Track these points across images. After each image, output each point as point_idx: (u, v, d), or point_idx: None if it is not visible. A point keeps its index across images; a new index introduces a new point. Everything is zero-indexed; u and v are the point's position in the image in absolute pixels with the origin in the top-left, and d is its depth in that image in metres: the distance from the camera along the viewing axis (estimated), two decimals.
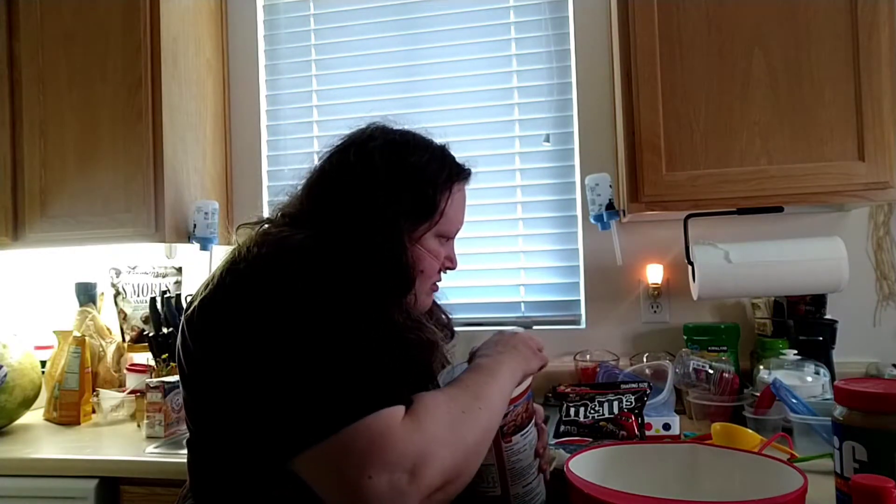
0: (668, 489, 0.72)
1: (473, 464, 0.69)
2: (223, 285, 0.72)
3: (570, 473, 0.67)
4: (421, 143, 0.89)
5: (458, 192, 0.90)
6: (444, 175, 0.87)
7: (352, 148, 0.86)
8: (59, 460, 1.34)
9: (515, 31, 1.85)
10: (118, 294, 1.93)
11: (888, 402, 0.73)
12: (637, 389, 1.27)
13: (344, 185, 0.83)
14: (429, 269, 0.87)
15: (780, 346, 1.49)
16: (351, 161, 0.85)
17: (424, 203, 0.84)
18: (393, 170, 0.83)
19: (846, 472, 0.75)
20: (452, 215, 0.88)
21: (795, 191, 1.34)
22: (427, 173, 0.85)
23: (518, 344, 0.86)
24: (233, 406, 0.70)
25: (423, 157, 0.86)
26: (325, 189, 0.85)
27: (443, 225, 0.87)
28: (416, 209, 0.84)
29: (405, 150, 0.86)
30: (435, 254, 0.88)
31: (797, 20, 1.34)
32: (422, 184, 0.84)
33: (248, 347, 0.68)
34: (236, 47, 2.01)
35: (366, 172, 0.83)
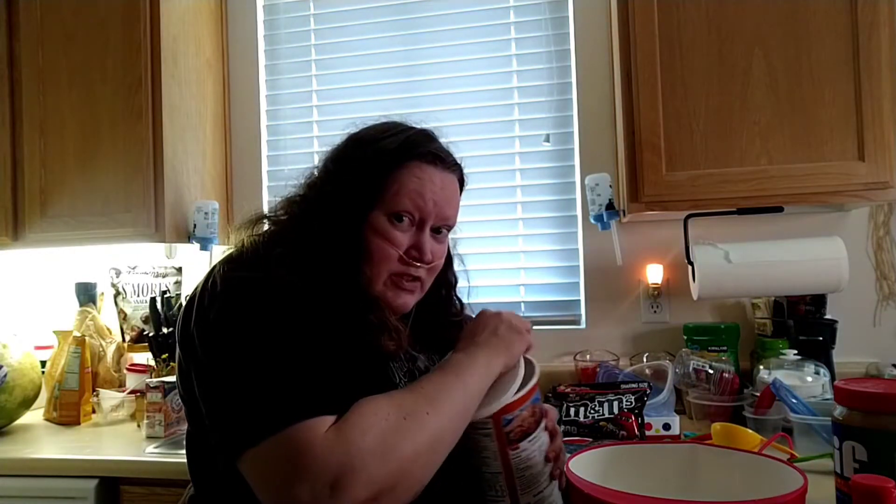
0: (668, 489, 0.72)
1: (414, 475, 0.65)
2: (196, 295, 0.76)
3: (570, 473, 0.67)
4: (386, 128, 0.86)
5: (415, 168, 0.82)
6: (392, 152, 0.82)
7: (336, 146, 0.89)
8: (59, 460, 1.34)
9: (515, 31, 1.85)
10: (118, 294, 1.93)
11: (888, 402, 0.73)
12: (637, 389, 1.27)
13: (309, 178, 0.87)
14: (377, 250, 0.81)
15: (780, 346, 1.49)
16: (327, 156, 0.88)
17: (367, 181, 0.81)
18: (342, 152, 0.85)
19: (846, 472, 0.75)
20: (399, 189, 0.81)
21: (795, 191, 1.34)
22: (372, 151, 0.82)
23: (499, 327, 0.83)
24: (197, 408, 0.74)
25: (378, 135, 0.84)
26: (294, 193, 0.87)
27: (391, 204, 0.81)
28: (359, 189, 0.81)
29: (368, 130, 0.87)
30: (386, 236, 0.81)
31: (797, 20, 1.34)
32: (364, 161, 0.82)
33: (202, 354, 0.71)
34: (236, 47, 2.01)
35: (323, 162, 0.87)
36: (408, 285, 0.84)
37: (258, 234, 0.84)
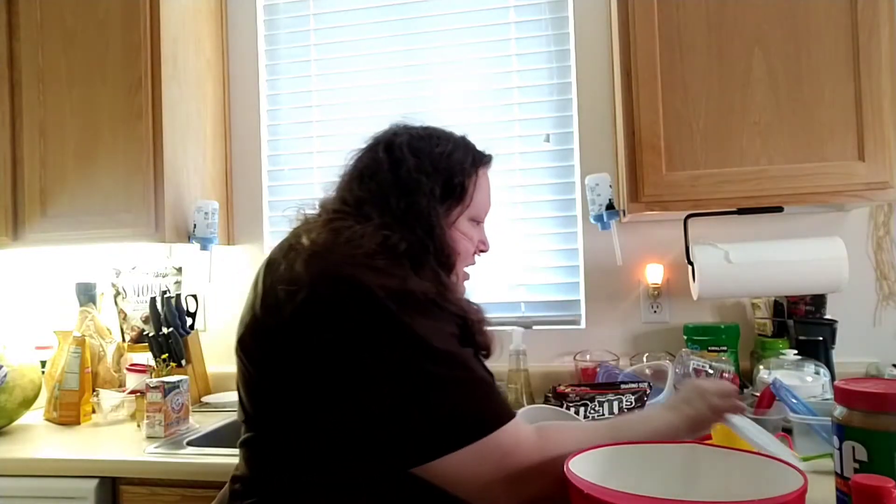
0: (668, 489, 0.72)
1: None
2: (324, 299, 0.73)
3: (570, 473, 0.67)
4: (443, 134, 0.94)
5: (483, 176, 0.96)
6: (468, 161, 0.92)
7: (379, 146, 0.91)
8: (59, 460, 1.34)
9: (515, 31, 1.85)
10: (118, 294, 1.94)
11: (888, 402, 0.73)
12: (637, 389, 1.27)
13: (379, 184, 0.87)
14: (464, 251, 0.92)
15: (780, 346, 1.49)
16: (380, 157, 0.89)
17: (454, 188, 0.89)
18: (421, 162, 0.88)
19: (846, 472, 0.75)
20: (480, 199, 0.94)
21: (795, 191, 1.34)
22: (453, 160, 0.90)
23: (704, 394, 0.88)
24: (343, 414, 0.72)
25: (448, 146, 0.92)
26: (362, 193, 0.87)
27: (473, 208, 0.93)
28: (447, 195, 0.89)
29: (429, 141, 0.91)
30: (469, 236, 0.93)
31: (797, 20, 1.34)
32: (449, 170, 0.89)
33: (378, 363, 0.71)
34: (236, 47, 2.01)
35: (397, 169, 0.87)
36: (470, 275, 0.98)
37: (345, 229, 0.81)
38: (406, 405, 0.70)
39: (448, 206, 0.89)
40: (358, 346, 0.71)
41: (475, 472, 0.70)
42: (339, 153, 0.98)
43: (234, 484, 0.85)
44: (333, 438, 0.74)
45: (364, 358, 0.71)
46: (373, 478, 0.74)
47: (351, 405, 0.72)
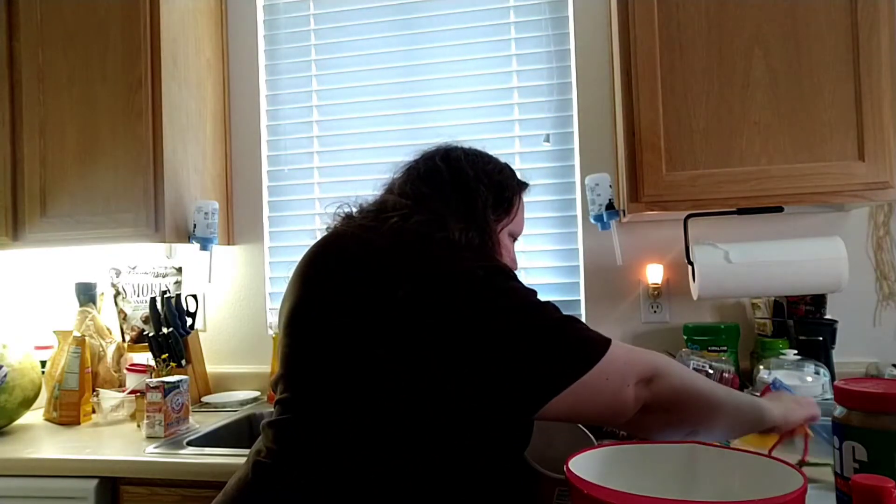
0: (668, 489, 0.72)
1: (694, 408, 0.82)
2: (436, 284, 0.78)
3: (570, 473, 0.67)
4: (491, 156, 1.04)
5: (522, 200, 1.05)
6: (515, 181, 1.03)
7: (436, 156, 0.98)
8: (59, 460, 1.34)
9: (515, 31, 1.85)
10: (118, 294, 1.94)
11: (888, 402, 0.73)
12: None
13: (440, 185, 0.93)
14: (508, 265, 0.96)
15: (780, 346, 1.49)
16: (439, 165, 0.96)
17: (504, 201, 0.98)
18: (477, 173, 0.96)
19: (846, 472, 0.75)
20: (520, 217, 1.04)
21: (795, 191, 1.34)
22: (503, 178, 1.00)
23: (796, 399, 0.98)
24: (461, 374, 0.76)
25: (498, 165, 1.02)
26: (426, 190, 0.93)
27: (514, 224, 1.02)
28: (497, 206, 0.96)
29: (481, 157, 1.01)
30: (507, 250, 1.00)
31: (797, 20, 1.34)
32: (500, 186, 0.98)
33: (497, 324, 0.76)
34: (236, 47, 2.01)
35: (456, 175, 0.95)
36: None
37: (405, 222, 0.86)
38: (525, 352, 0.75)
39: (497, 217, 0.96)
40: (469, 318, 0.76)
41: (603, 388, 0.76)
42: (339, 153, 0.99)
43: (256, 469, 0.82)
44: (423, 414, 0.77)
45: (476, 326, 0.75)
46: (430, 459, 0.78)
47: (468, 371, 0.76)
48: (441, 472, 0.79)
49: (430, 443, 0.78)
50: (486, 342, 0.75)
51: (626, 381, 0.78)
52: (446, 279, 0.77)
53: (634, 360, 0.79)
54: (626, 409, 0.79)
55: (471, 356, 0.75)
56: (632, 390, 0.78)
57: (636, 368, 0.79)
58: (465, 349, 0.75)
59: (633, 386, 0.78)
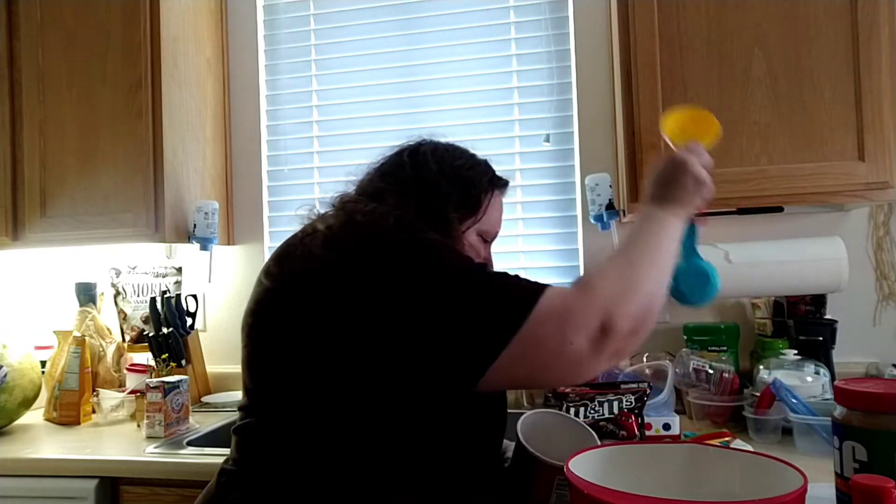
0: (668, 489, 0.72)
1: (653, 309, 0.75)
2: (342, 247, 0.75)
3: (570, 473, 0.66)
4: (465, 151, 0.99)
5: (497, 197, 0.99)
6: (486, 178, 0.97)
7: (404, 152, 0.96)
8: (59, 460, 1.34)
9: (515, 31, 1.85)
10: (118, 294, 1.94)
11: (888, 402, 0.73)
12: (637, 389, 1.27)
13: (401, 181, 0.91)
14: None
15: (780, 346, 1.49)
16: (404, 160, 0.94)
17: (469, 200, 0.93)
18: (442, 168, 0.93)
19: (846, 472, 0.75)
20: (492, 217, 0.97)
21: (795, 191, 1.34)
22: (471, 174, 0.95)
23: (687, 183, 0.87)
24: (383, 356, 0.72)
25: (469, 161, 0.97)
26: (383, 185, 0.91)
27: (483, 224, 0.95)
28: (462, 205, 0.92)
29: (452, 153, 0.97)
30: (476, 249, 0.95)
31: (797, 20, 1.34)
32: (467, 182, 0.93)
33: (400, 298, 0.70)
34: (236, 47, 2.01)
35: (419, 170, 0.92)
36: None
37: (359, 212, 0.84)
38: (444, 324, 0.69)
39: (462, 215, 0.92)
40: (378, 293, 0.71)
41: (533, 356, 0.67)
42: (339, 153, 0.99)
43: (220, 477, 0.83)
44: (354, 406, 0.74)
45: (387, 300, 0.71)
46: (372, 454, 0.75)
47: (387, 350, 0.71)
48: (409, 467, 0.77)
49: (390, 436, 0.76)
50: (406, 318, 0.70)
51: (566, 336, 0.66)
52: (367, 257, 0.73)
53: (575, 309, 0.68)
54: (581, 369, 0.69)
55: (396, 336, 0.71)
56: (582, 346, 0.67)
57: (579, 320, 0.67)
58: (390, 329, 0.71)
59: (585, 341, 0.67)
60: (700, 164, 0.89)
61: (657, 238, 0.81)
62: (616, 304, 0.69)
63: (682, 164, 0.87)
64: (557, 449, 0.86)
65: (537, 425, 0.94)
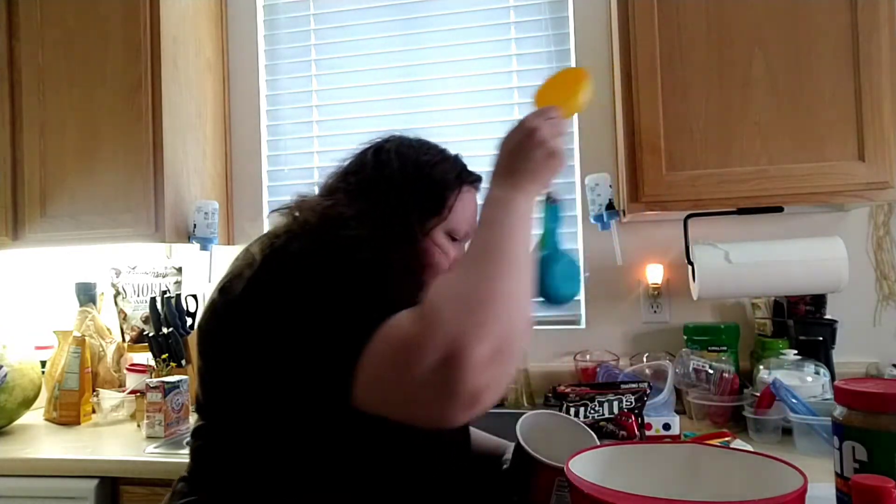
0: (668, 489, 0.72)
1: (516, 320, 0.65)
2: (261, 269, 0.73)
3: (570, 473, 0.66)
4: (433, 147, 0.94)
5: (467, 193, 0.93)
6: (453, 174, 0.91)
7: (369, 150, 0.93)
8: (59, 460, 1.34)
9: (515, 31, 1.85)
10: (118, 294, 1.93)
11: (888, 402, 0.73)
12: (637, 389, 1.27)
13: (361, 180, 0.89)
14: (437, 264, 0.89)
15: (780, 346, 1.49)
16: (367, 160, 0.91)
17: (433, 198, 0.88)
18: (405, 167, 0.89)
19: (846, 472, 0.75)
20: (461, 214, 0.91)
21: (795, 191, 1.34)
22: (436, 171, 0.90)
23: (534, 152, 0.78)
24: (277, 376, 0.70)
25: (435, 157, 0.92)
26: (343, 186, 0.89)
27: (451, 222, 0.90)
28: (425, 203, 0.88)
29: (418, 149, 0.92)
30: (444, 249, 0.90)
31: (797, 20, 1.34)
32: (431, 180, 0.89)
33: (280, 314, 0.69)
34: (236, 47, 2.01)
35: (379, 169, 0.89)
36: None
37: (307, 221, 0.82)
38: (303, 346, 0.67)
39: (424, 215, 0.88)
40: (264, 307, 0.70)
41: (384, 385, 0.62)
42: (339, 153, 0.98)
43: (177, 483, 0.84)
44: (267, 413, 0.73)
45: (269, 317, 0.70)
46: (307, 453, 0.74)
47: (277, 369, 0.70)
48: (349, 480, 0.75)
49: (323, 449, 0.74)
50: (280, 339, 0.68)
51: (408, 369, 0.59)
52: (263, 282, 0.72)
53: (412, 339, 0.60)
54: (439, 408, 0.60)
55: (278, 356, 0.69)
56: (427, 379, 0.58)
57: (417, 352, 0.59)
58: (274, 350, 0.69)
59: (430, 374, 0.58)
60: (552, 131, 0.79)
61: (508, 229, 0.74)
62: (463, 328, 0.59)
63: (530, 131, 0.78)
64: (557, 449, 0.86)
65: (536, 426, 0.94)
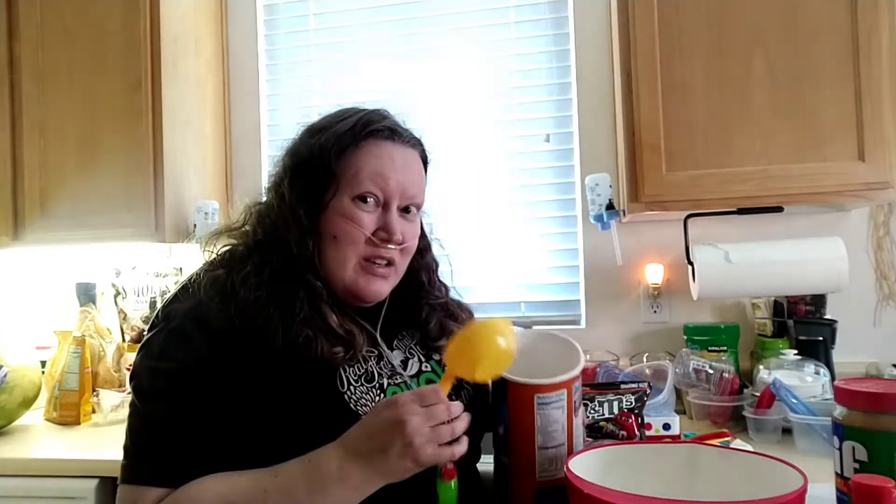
0: (668, 489, 0.72)
1: None
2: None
3: (570, 473, 0.67)
4: (340, 114, 0.88)
5: (373, 147, 0.83)
6: (346, 133, 0.83)
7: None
8: (59, 460, 1.34)
9: (515, 32, 1.85)
10: (118, 294, 1.93)
11: (888, 402, 0.73)
12: (637, 389, 1.26)
13: (269, 187, 0.92)
14: (343, 234, 0.81)
15: (780, 346, 1.49)
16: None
17: (322, 166, 0.83)
18: (296, 144, 0.88)
19: (846, 472, 0.75)
20: (359, 170, 0.81)
21: (795, 191, 1.34)
22: (324, 135, 0.84)
23: (393, 446, 0.66)
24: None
25: (329, 121, 0.87)
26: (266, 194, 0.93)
27: (353, 186, 0.81)
28: (316, 175, 0.83)
29: (313, 125, 0.89)
30: (351, 217, 0.81)
31: (797, 20, 1.34)
32: (320, 148, 0.83)
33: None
34: (236, 47, 2.01)
35: (280, 160, 0.91)
36: (380, 271, 0.83)
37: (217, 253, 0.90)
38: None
39: (315, 192, 0.82)
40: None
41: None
42: None
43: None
44: None
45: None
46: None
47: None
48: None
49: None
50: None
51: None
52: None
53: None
54: None
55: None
56: None
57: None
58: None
59: None
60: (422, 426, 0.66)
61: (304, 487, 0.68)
62: None
63: (398, 420, 0.66)
64: (538, 369, 0.80)
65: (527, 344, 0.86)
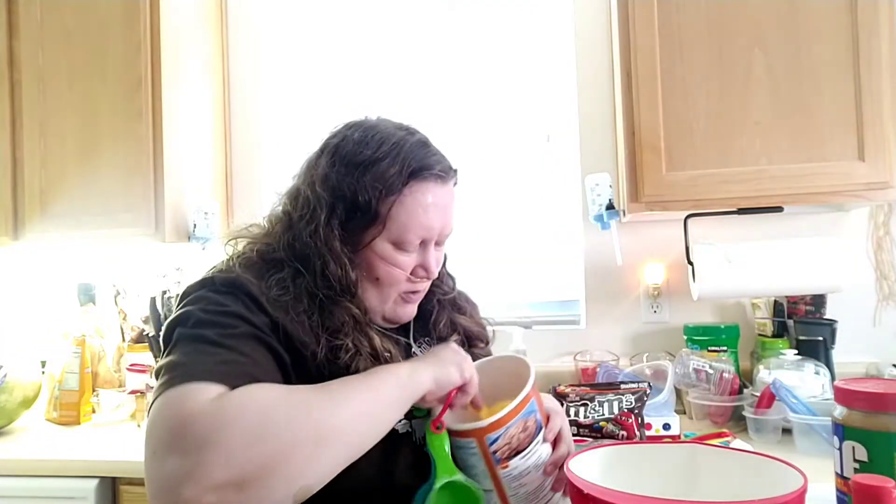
0: (668, 489, 0.72)
1: (291, 467, 0.59)
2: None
3: (570, 473, 0.66)
4: (384, 136, 0.81)
5: (417, 193, 0.80)
6: (392, 173, 0.78)
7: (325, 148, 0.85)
8: (59, 460, 1.35)
9: (516, 32, 1.85)
10: (118, 294, 1.93)
11: (888, 402, 0.73)
12: (637, 389, 1.27)
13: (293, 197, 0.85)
14: (385, 276, 0.82)
15: (780, 346, 1.49)
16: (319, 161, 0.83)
17: (359, 209, 0.79)
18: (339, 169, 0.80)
19: (846, 472, 0.75)
20: (406, 220, 0.80)
21: (795, 191, 1.34)
22: (370, 174, 0.79)
23: (442, 350, 0.79)
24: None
25: (377, 153, 0.80)
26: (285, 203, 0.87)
27: (392, 232, 0.80)
28: (354, 214, 0.80)
29: (359, 146, 0.81)
30: (391, 261, 0.81)
31: (797, 20, 1.34)
32: (356, 186, 0.79)
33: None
34: (236, 47, 2.01)
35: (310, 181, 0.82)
36: (413, 297, 0.88)
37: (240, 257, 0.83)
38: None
39: (358, 227, 0.80)
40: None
41: (149, 437, 0.60)
42: None
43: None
44: None
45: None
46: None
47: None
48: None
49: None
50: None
51: (158, 447, 0.58)
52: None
53: (179, 423, 0.58)
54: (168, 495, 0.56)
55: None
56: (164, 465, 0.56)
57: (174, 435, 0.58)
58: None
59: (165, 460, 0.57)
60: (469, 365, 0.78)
61: (353, 391, 0.67)
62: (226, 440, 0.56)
63: (457, 350, 0.81)
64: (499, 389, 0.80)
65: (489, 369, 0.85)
